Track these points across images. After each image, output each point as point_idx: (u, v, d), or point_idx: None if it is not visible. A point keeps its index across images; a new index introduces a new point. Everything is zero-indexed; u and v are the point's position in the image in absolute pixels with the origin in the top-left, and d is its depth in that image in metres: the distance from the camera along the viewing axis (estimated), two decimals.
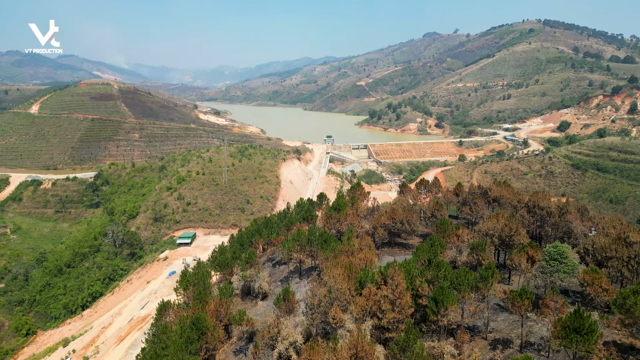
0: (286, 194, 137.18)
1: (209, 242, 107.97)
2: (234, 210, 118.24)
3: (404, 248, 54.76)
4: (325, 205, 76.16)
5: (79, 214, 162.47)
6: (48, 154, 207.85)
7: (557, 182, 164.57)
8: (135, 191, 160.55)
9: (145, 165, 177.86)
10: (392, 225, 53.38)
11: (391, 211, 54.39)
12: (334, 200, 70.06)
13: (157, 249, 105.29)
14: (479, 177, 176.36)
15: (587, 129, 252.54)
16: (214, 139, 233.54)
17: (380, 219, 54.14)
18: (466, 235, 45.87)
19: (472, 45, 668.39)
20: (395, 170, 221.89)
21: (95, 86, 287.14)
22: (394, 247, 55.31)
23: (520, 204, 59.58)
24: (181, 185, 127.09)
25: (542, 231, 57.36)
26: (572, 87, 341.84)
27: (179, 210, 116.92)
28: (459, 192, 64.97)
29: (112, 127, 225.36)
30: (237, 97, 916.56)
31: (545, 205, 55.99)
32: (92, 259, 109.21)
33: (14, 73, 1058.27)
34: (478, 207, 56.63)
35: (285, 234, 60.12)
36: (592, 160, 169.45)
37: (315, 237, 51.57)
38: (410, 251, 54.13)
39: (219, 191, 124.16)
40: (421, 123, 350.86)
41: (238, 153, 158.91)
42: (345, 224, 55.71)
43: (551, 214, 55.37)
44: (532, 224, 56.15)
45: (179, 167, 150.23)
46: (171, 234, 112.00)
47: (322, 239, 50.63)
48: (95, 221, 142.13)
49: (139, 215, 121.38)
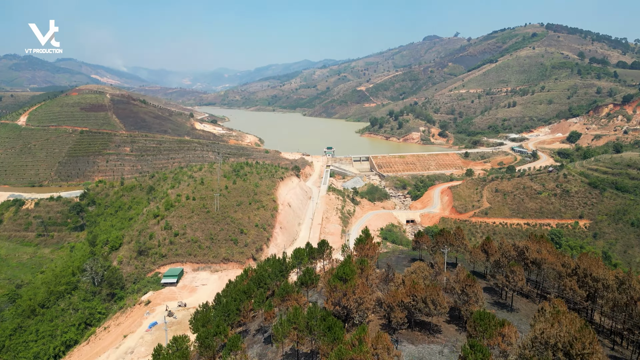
0: (284, 220, 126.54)
1: (198, 280, 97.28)
2: (226, 242, 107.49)
3: (426, 331, 44.10)
4: (327, 256, 65.66)
5: (62, 237, 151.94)
6: (34, 170, 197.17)
7: (573, 203, 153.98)
8: (122, 213, 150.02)
9: (135, 184, 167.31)
10: (413, 304, 42.81)
11: (411, 285, 43.76)
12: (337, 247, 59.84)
13: (139, 289, 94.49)
14: (489, 196, 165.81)
15: (598, 140, 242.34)
16: (209, 152, 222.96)
17: (397, 295, 43.53)
18: (514, 334, 35.22)
19: (473, 50, 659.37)
20: (399, 185, 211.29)
21: (87, 95, 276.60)
22: (415, 328, 44.68)
23: (566, 268, 48.94)
24: (169, 213, 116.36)
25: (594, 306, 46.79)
26: (579, 94, 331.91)
27: (165, 242, 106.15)
28: (488, 248, 54.31)
29: (102, 140, 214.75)
30: (235, 101, 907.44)
31: (601, 275, 45.44)
32: (68, 299, 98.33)
33: (12, 77, 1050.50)
34: (517, 277, 45.97)
35: (280, 305, 49.46)
36: (610, 179, 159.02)
37: (317, 321, 41.21)
38: (435, 337, 43.57)
39: (210, 219, 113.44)
40: (424, 132, 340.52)
41: (232, 173, 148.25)
42: (354, 298, 45.10)
43: (608, 287, 44.84)
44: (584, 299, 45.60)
45: (169, 189, 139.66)
46: (156, 270, 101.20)
47: (325, 326, 40.09)
48: (77, 250, 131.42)
49: (122, 246, 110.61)
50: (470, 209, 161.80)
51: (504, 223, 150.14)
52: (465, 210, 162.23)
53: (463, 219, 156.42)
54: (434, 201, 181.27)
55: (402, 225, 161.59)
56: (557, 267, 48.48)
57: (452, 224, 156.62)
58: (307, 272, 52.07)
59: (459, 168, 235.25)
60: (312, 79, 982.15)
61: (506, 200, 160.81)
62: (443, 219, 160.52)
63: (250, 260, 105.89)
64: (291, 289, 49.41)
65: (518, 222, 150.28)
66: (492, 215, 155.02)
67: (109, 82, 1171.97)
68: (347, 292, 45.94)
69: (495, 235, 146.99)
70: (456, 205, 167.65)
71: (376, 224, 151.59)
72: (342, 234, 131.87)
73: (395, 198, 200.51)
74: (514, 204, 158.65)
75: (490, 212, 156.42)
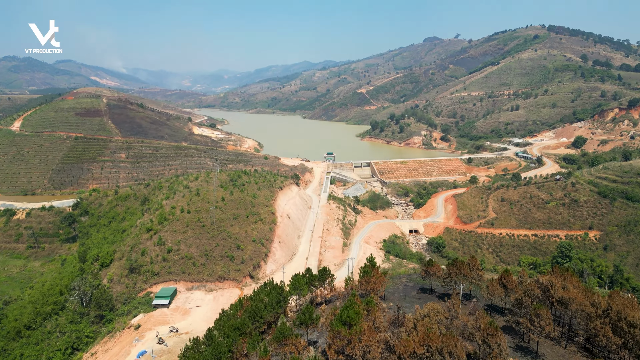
0: (282, 233, 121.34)
1: (191, 301, 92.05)
2: (221, 259, 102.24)
3: None
4: (328, 285, 60.46)
5: (54, 249, 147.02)
6: (26, 178, 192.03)
7: (582, 213, 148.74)
8: (116, 225, 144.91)
9: (129, 193, 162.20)
10: (427, 356, 37.68)
11: (425, 334, 38.62)
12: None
13: (129, 311, 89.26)
14: (495, 206, 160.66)
15: (604, 146, 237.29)
16: (207, 159, 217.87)
17: (409, 345, 38.40)
18: None
19: (475, 52, 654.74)
20: (401, 193, 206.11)
21: (83, 100, 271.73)
22: None
23: (596, 308, 43.80)
24: (163, 227, 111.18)
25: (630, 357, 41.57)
26: (583, 98, 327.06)
27: (158, 259, 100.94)
28: (507, 282, 49.11)
29: (96, 147, 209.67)
30: (235, 103, 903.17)
31: (638, 320, 40.28)
32: (55, 321, 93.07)
33: (11, 79, 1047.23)
34: (543, 321, 40.82)
35: (277, 350, 44.31)
36: (620, 188, 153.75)
37: None
38: None
39: (206, 234, 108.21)
40: (426, 136, 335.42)
41: (229, 183, 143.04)
42: (360, 347, 39.95)
43: None
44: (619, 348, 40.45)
45: (164, 199, 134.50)
46: (148, 289, 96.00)
47: None
48: (67, 265, 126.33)
49: (113, 263, 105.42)
50: (476, 219, 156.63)
51: (510, 234, 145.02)
52: (470, 220, 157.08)
53: (468, 229, 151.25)
54: (438, 210, 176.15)
55: (405, 235, 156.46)
56: (586, 308, 43.30)
57: (457, 234, 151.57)
58: (307, 311, 46.88)
59: (462, 174, 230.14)
60: (312, 80, 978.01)
61: (513, 210, 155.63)
62: (447, 229, 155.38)
63: (247, 278, 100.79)
64: (289, 331, 44.25)
65: (525, 233, 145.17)
66: (499, 226, 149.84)
67: (108, 83, 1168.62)
68: (352, 339, 40.86)
69: (502, 247, 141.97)
70: (461, 214, 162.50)
71: (378, 235, 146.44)
72: (344, 247, 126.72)
73: (398, 206, 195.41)
74: (521, 214, 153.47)
75: (496, 223, 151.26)
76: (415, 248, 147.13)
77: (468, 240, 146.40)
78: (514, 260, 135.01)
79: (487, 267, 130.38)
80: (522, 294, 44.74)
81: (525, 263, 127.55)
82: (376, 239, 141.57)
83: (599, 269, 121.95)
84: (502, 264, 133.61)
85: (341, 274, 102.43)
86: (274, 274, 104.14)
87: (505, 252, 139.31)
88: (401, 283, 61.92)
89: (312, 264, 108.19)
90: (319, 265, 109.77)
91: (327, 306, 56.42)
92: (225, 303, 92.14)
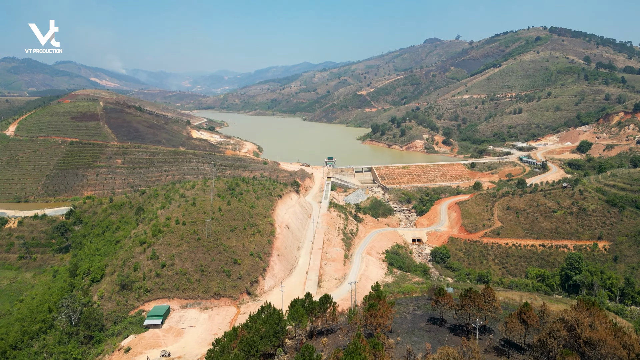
0: (281, 246, 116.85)
1: (185, 320, 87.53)
2: (217, 274, 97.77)
3: None
4: (330, 314, 55.95)
5: (46, 260, 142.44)
6: (20, 184, 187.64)
7: (591, 222, 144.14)
8: (109, 235, 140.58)
9: (124, 201, 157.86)
10: None
11: None
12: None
13: (119, 332, 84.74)
14: (500, 214, 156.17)
15: (610, 151, 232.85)
16: (204, 164, 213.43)
17: None
18: None
19: (476, 53, 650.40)
20: (403, 199, 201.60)
21: (79, 103, 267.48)
22: None
23: (628, 352, 39.34)
24: (157, 240, 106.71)
25: None
26: (587, 101, 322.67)
27: (151, 275, 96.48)
28: (526, 318, 44.62)
29: (92, 152, 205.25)
30: (235, 105, 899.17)
31: None
32: (42, 341, 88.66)
33: (10, 80, 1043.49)
34: None
35: None
36: (630, 196, 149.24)
37: None
38: None
39: (201, 248, 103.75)
40: (428, 140, 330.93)
41: (227, 191, 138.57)
42: None
43: None
44: None
45: (159, 209, 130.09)
46: (140, 307, 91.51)
47: None
48: (58, 278, 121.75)
49: (104, 278, 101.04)
50: (481, 228, 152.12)
51: (517, 244, 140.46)
52: (475, 229, 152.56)
53: (473, 239, 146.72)
54: (441, 217, 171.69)
55: (408, 245, 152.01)
56: (618, 352, 38.84)
57: (462, 245, 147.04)
58: (307, 352, 42.41)
59: (466, 179, 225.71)
60: (312, 82, 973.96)
61: (519, 219, 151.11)
62: (452, 238, 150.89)
63: (245, 295, 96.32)
64: None
65: (532, 243, 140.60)
66: (505, 236, 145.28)
67: (108, 85, 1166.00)
68: None
69: (508, 258, 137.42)
70: (465, 223, 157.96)
71: (380, 245, 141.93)
72: (345, 259, 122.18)
73: (400, 213, 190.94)
74: (528, 223, 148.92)
75: (502, 232, 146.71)
76: (418, 258, 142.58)
77: (473, 250, 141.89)
78: (520, 272, 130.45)
79: (494, 279, 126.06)
80: (546, 335, 40.26)
81: (533, 275, 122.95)
82: (378, 249, 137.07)
83: (609, 281, 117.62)
84: (508, 276, 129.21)
85: (343, 290, 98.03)
86: (272, 289, 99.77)
87: (512, 263, 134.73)
88: (408, 311, 57.45)
89: (313, 278, 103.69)
90: (320, 279, 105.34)
91: (328, 339, 51.94)
92: (221, 322, 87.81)
